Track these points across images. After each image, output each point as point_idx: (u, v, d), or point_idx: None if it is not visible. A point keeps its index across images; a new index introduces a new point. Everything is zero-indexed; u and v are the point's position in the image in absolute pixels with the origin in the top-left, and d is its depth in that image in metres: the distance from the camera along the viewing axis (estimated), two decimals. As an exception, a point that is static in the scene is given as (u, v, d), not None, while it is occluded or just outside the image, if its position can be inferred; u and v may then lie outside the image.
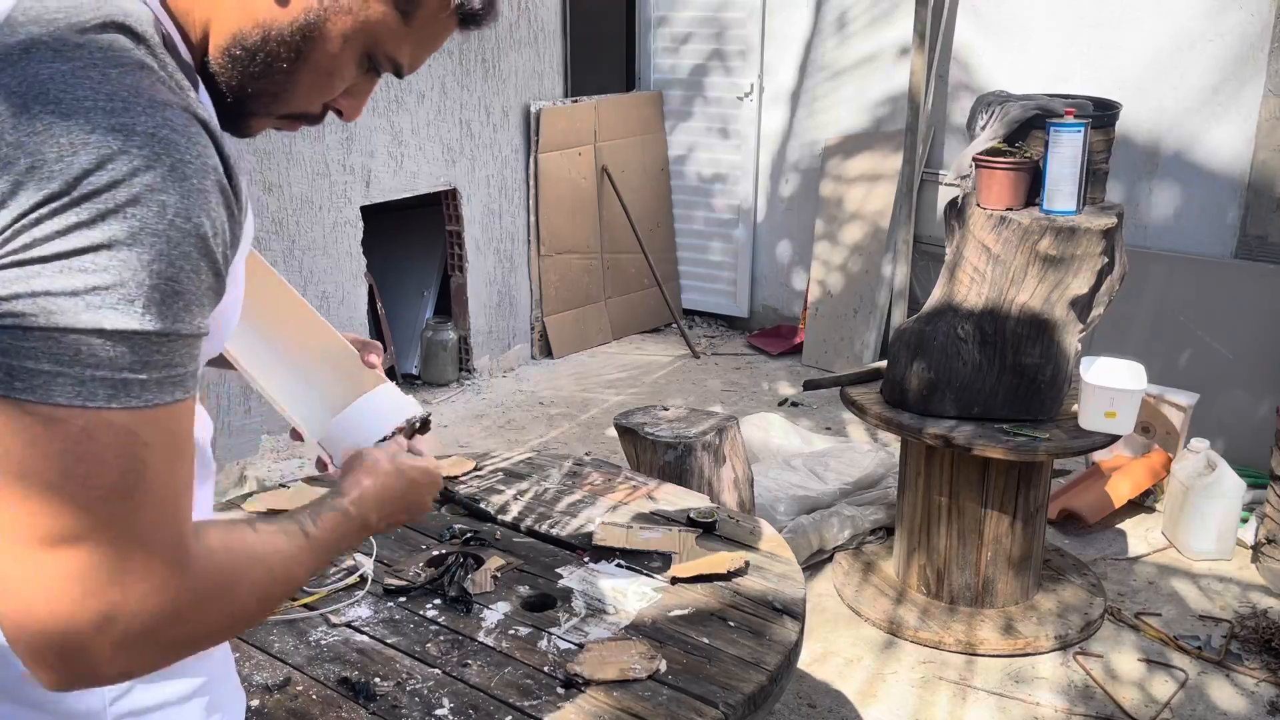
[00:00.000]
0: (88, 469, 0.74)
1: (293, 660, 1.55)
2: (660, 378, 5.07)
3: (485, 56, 4.82)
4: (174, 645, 0.81)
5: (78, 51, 0.79)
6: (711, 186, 5.67)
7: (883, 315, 4.98)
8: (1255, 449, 3.71)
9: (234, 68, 0.90)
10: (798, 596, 1.71)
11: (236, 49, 0.90)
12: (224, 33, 0.90)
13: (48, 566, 0.74)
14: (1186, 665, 2.90)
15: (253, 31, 0.89)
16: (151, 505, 0.77)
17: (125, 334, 0.74)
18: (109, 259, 0.73)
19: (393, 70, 0.97)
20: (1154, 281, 4.14)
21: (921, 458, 3.04)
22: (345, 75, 0.95)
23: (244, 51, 0.90)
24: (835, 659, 2.94)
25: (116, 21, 0.81)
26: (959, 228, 2.94)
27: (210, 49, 0.91)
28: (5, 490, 0.74)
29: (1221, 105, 4.07)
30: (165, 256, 0.75)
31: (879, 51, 4.96)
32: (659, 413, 2.99)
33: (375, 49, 0.94)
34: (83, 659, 0.76)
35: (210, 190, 0.79)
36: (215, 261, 0.80)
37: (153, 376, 0.76)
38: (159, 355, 0.76)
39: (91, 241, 0.73)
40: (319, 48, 0.91)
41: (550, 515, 1.99)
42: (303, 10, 0.89)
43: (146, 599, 0.77)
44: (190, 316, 0.78)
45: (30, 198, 0.73)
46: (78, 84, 0.77)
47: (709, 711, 1.42)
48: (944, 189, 4.81)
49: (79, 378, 0.73)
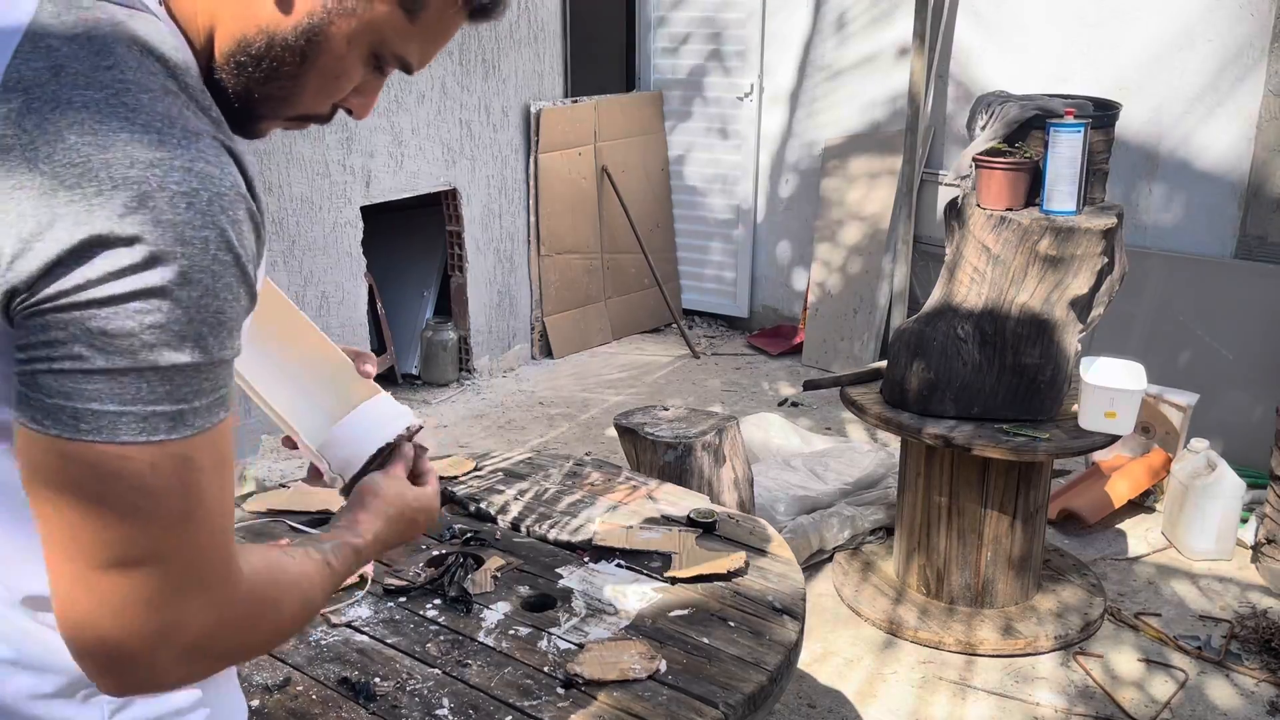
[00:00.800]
0: (153, 500, 0.77)
1: (293, 660, 1.55)
2: (660, 378, 5.07)
3: (485, 57, 4.82)
4: (226, 655, 0.87)
5: (108, 75, 0.78)
6: (711, 187, 5.67)
7: (883, 315, 4.98)
8: (1255, 449, 3.71)
9: (240, 74, 0.90)
10: (798, 596, 1.71)
11: (241, 55, 0.90)
12: (228, 40, 0.90)
13: (114, 588, 0.78)
14: (1186, 665, 2.90)
15: (257, 38, 0.89)
16: (206, 527, 0.81)
17: (181, 368, 0.77)
18: (162, 301, 0.76)
19: (401, 68, 0.96)
20: (1154, 281, 4.14)
21: (921, 458, 3.04)
22: (353, 76, 0.95)
23: (249, 58, 0.90)
24: (835, 659, 2.94)
25: (140, 42, 0.81)
26: (959, 228, 2.94)
27: (216, 56, 0.90)
28: (68, 518, 0.77)
29: (1221, 105, 4.07)
30: (211, 291, 0.78)
31: (879, 52, 4.96)
32: (659, 413, 2.99)
33: (382, 48, 0.93)
34: (145, 670, 0.81)
35: (243, 218, 0.81)
36: (250, 284, 0.83)
37: (203, 403, 0.79)
38: (208, 382, 0.79)
39: (146, 285, 0.75)
40: (324, 51, 0.90)
41: (550, 515, 1.99)
42: (306, 14, 0.88)
43: (203, 613, 0.81)
44: (232, 341, 0.81)
45: (72, 233, 0.74)
46: (112, 113, 0.77)
47: (709, 712, 1.42)
48: (944, 189, 4.81)
49: (141, 415, 0.76)
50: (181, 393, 0.77)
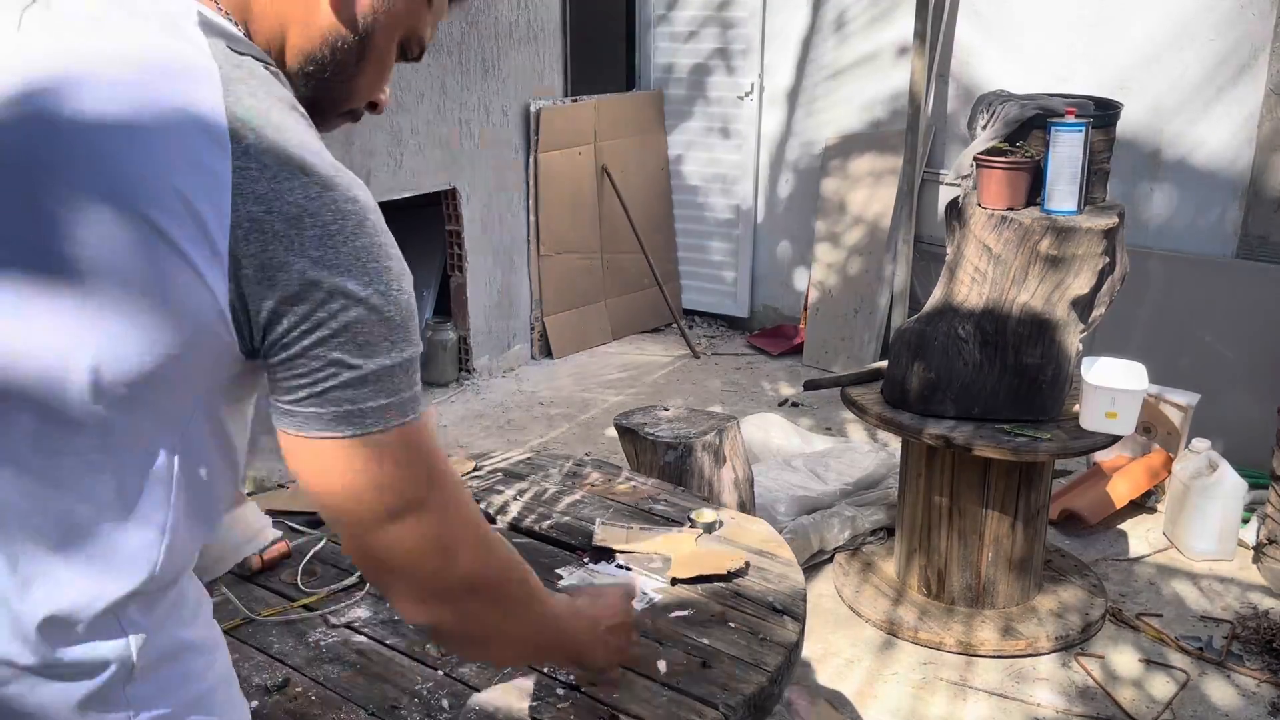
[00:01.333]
0: (417, 461, 0.96)
1: (292, 661, 1.55)
2: (660, 378, 5.07)
3: (485, 56, 4.81)
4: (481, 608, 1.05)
5: (251, 83, 0.89)
6: (712, 186, 5.66)
7: (883, 315, 4.97)
8: (1256, 449, 3.70)
9: (309, 83, 1.01)
10: (798, 597, 1.70)
11: (310, 66, 1.00)
12: (297, 55, 0.99)
13: (405, 532, 0.96)
14: (1187, 666, 2.89)
15: (321, 49, 0.99)
16: (453, 481, 1.01)
17: (411, 359, 0.95)
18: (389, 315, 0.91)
19: (419, 51, 1.07)
20: (1155, 281, 4.14)
21: (922, 458, 3.04)
22: (391, 65, 1.06)
23: (316, 67, 1.00)
24: (835, 659, 2.93)
25: (256, 54, 0.92)
26: (959, 228, 2.94)
27: (287, 68, 1.00)
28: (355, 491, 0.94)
29: (1223, 104, 4.07)
30: (406, 291, 0.94)
31: (879, 51, 4.95)
32: (659, 413, 2.99)
33: (410, 35, 1.04)
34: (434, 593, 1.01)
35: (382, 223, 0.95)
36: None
37: (420, 387, 0.97)
38: (418, 369, 0.97)
39: (380, 309, 0.90)
40: (374, 47, 1.01)
41: (550, 515, 1.99)
42: (360, 18, 0.99)
43: (469, 551, 1.01)
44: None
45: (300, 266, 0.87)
46: (276, 134, 0.88)
47: (709, 713, 1.42)
48: (945, 189, 4.80)
49: (401, 402, 0.94)
50: (413, 378, 0.95)
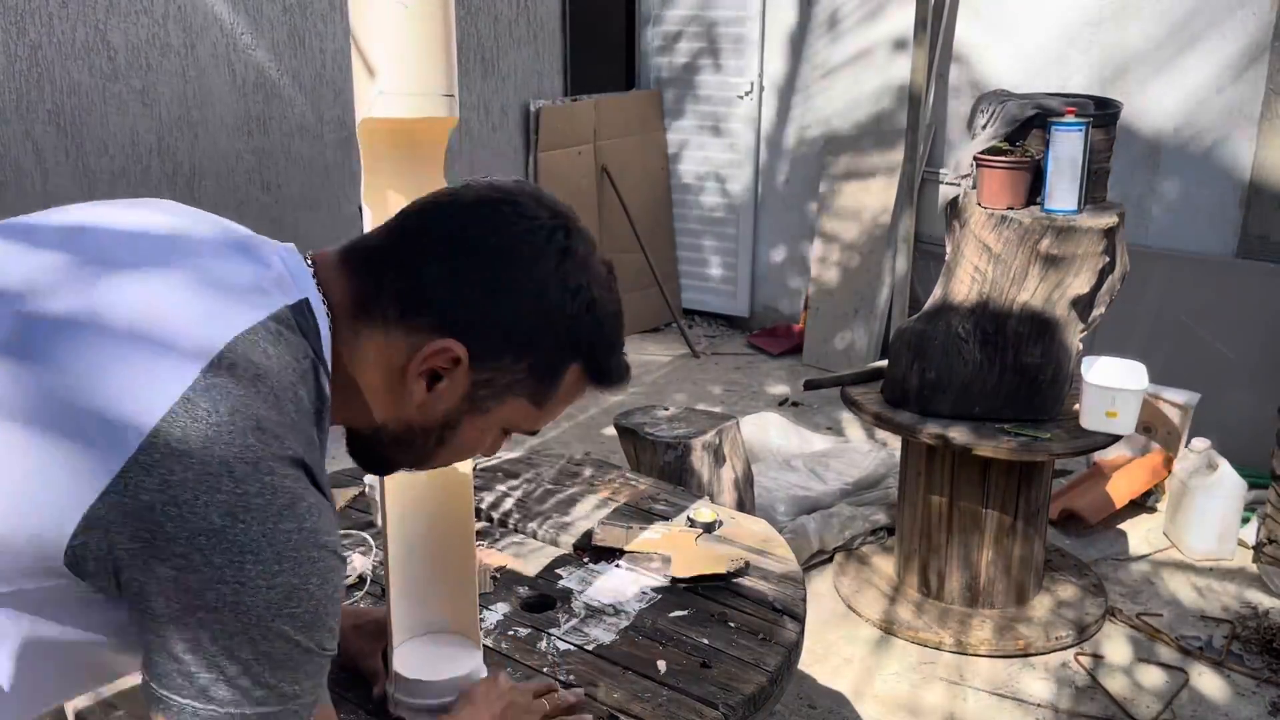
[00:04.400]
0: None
1: (290, 661, 1.54)
2: (660, 377, 5.06)
3: (484, 55, 4.81)
4: None
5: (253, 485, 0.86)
6: (711, 185, 5.66)
7: (883, 315, 4.97)
8: (1257, 449, 3.69)
9: (379, 446, 1.05)
10: (798, 597, 1.70)
11: (385, 435, 1.03)
12: (374, 417, 1.01)
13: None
14: (1187, 666, 2.89)
15: (397, 425, 1.01)
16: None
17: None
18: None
19: (527, 433, 1.10)
20: (1155, 281, 4.13)
21: (922, 458, 3.03)
22: (483, 448, 1.08)
23: (389, 437, 1.03)
24: (835, 659, 2.93)
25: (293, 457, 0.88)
26: (959, 227, 2.93)
27: (363, 425, 1.03)
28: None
29: (1224, 104, 4.07)
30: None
31: (879, 50, 4.95)
32: (658, 413, 2.98)
33: (511, 428, 1.06)
34: None
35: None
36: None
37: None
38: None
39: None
40: (458, 437, 1.03)
41: (549, 515, 1.98)
42: (444, 413, 1.00)
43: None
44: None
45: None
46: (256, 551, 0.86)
47: (709, 712, 1.42)
48: (944, 188, 4.80)
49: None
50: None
